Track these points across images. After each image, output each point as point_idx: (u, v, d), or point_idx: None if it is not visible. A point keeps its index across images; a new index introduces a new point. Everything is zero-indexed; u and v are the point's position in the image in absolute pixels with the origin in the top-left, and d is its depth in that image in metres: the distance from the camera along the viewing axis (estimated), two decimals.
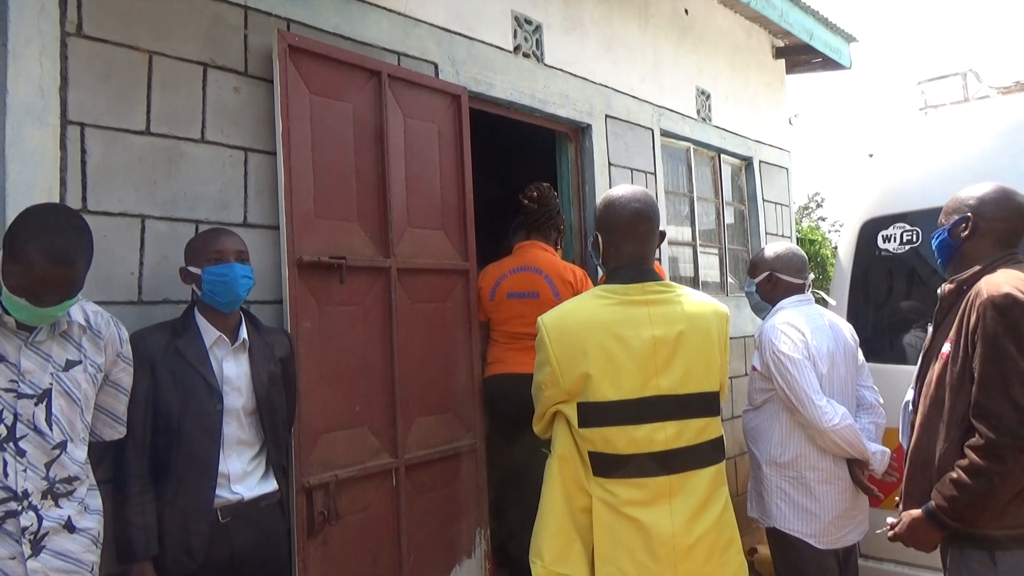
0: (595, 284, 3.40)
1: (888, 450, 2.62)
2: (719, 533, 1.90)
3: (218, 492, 2.06)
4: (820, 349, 2.58)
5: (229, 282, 2.10)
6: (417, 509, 2.84)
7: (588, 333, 1.88)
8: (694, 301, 1.97)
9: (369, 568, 2.66)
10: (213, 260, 2.11)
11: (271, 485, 2.20)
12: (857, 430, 2.53)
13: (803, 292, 2.78)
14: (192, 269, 2.13)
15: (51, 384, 1.75)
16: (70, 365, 1.79)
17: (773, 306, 2.77)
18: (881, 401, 2.75)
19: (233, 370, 2.14)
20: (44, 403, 1.73)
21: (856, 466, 2.58)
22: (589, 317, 1.91)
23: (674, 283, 2.01)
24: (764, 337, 2.63)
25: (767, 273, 2.80)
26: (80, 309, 1.85)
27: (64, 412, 1.76)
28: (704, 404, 1.93)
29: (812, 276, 2.87)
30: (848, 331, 2.77)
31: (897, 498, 2.14)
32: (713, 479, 1.92)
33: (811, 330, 2.60)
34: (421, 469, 2.87)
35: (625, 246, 1.98)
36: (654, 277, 1.97)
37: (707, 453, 1.92)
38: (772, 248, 2.87)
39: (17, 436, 1.69)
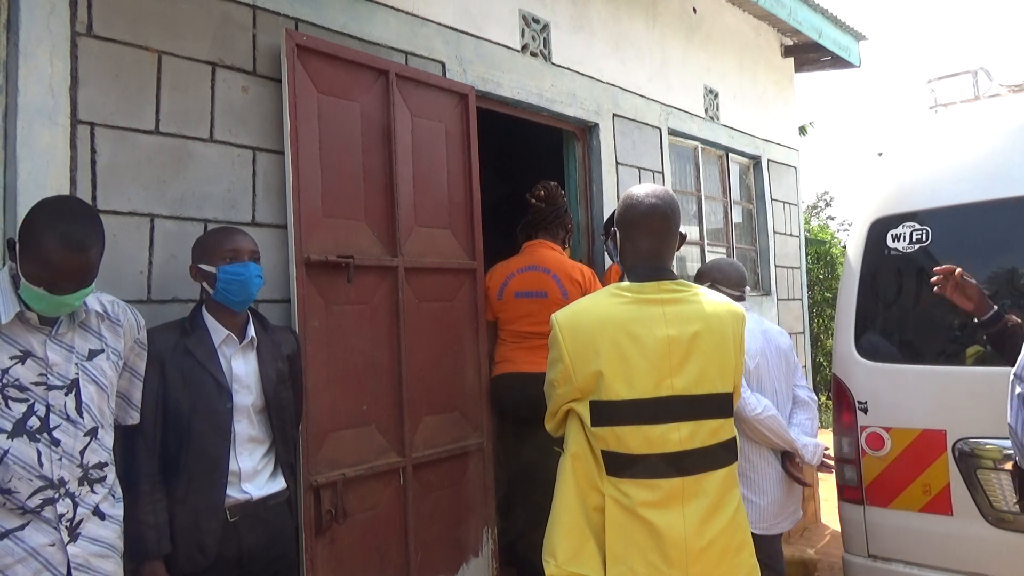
0: (602, 284, 3.41)
1: (821, 443, 2.89)
2: (731, 536, 1.88)
3: (228, 491, 2.07)
4: (749, 348, 2.69)
5: (245, 281, 2.11)
6: (424, 508, 2.85)
7: (601, 331, 1.86)
8: (710, 301, 1.95)
9: (376, 566, 2.67)
10: (229, 259, 2.12)
11: (279, 484, 2.21)
12: (781, 420, 2.85)
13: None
14: (205, 267, 2.12)
15: (77, 374, 1.79)
16: (93, 354, 1.84)
17: None
18: (815, 399, 3.07)
19: (242, 368, 2.15)
20: (73, 392, 1.78)
21: (786, 458, 2.89)
22: (603, 315, 1.89)
23: (690, 283, 1.99)
24: None
25: (708, 284, 2.99)
26: (96, 299, 1.88)
27: (94, 399, 1.82)
28: (718, 405, 1.91)
29: (748, 289, 3.17)
30: (778, 333, 3.10)
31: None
32: (725, 481, 1.90)
33: None
34: (428, 468, 2.87)
35: (641, 242, 1.96)
36: (670, 276, 1.95)
37: (719, 455, 1.90)
38: (715, 260, 3.21)
39: (51, 426, 1.74)
